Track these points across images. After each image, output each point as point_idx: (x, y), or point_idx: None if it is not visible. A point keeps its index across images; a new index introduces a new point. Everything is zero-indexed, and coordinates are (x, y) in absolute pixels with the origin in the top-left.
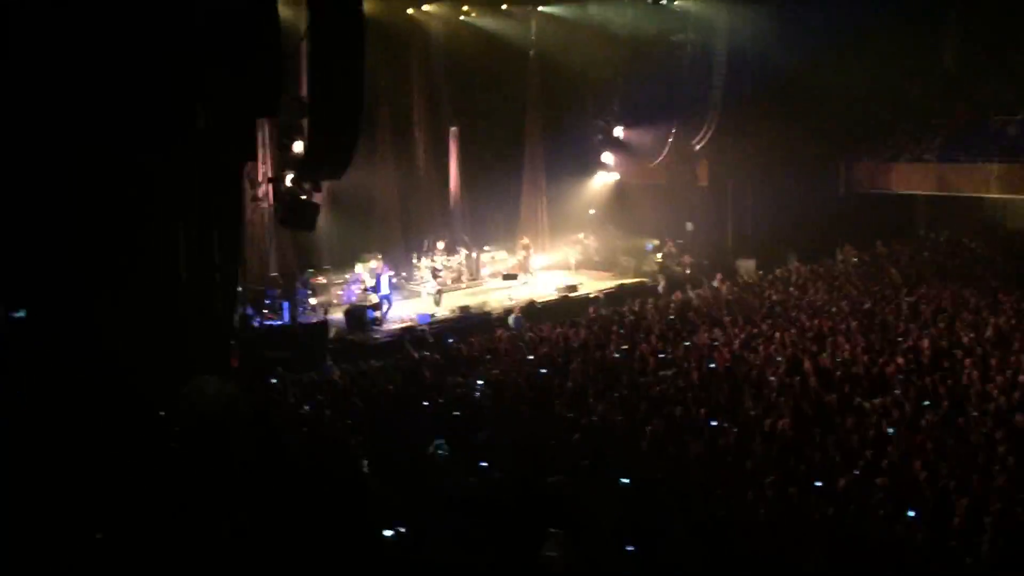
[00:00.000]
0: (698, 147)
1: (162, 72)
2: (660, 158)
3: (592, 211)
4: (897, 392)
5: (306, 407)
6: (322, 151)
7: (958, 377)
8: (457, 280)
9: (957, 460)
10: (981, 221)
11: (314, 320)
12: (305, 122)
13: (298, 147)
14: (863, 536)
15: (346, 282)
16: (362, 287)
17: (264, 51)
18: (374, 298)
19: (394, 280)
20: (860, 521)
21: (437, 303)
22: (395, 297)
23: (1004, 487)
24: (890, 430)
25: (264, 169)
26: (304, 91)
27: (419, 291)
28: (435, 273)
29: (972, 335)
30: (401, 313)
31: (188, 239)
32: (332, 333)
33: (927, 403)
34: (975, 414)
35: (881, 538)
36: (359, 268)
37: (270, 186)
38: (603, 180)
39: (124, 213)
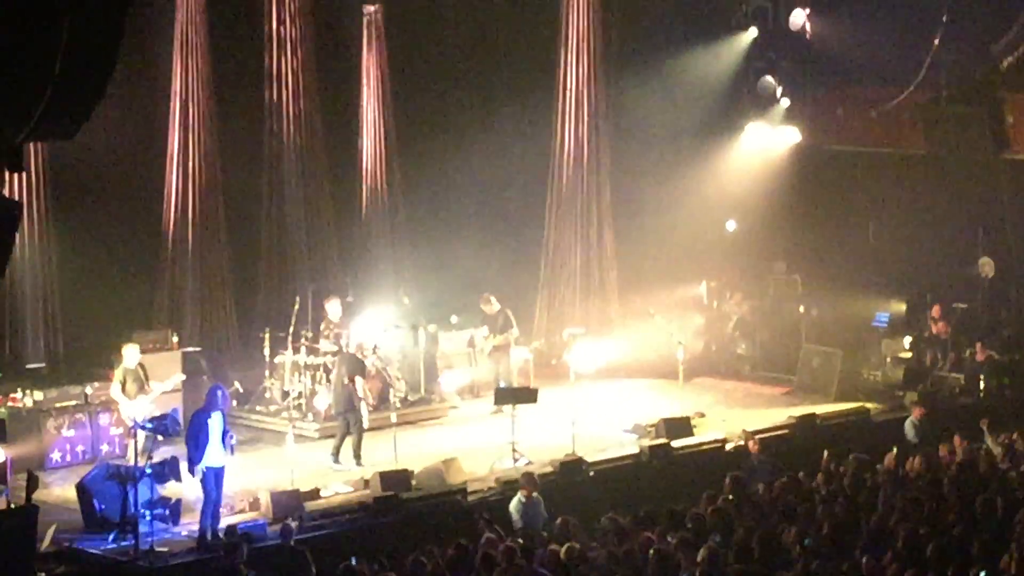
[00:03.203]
0: (1006, 63)
1: None
2: (908, 92)
3: (732, 224)
4: None
5: None
6: (34, 75)
7: None
8: (382, 399)
9: None
10: None
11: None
12: None
13: None
14: None
15: (86, 408)
16: (125, 422)
17: None
18: (164, 452)
19: (225, 409)
20: None
21: (336, 456)
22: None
23: None
24: None
25: None
26: None
27: (281, 429)
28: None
29: None
30: (230, 484)
31: None
32: (49, 536)
33: None
34: None
35: None
36: (121, 374)
37: None
38: (763, 145)
39: None
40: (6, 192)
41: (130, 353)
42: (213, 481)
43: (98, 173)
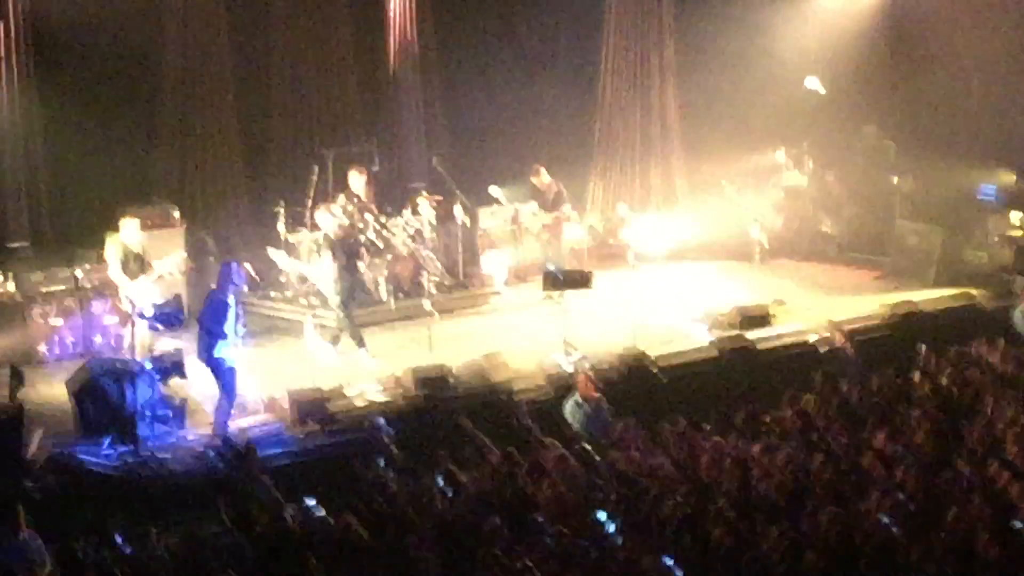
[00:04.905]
0: None
1: None
2: None
3: (813, 82)
4: None
5: None
6: None
7: None
8: (414, 284)
9: None
10: None
11: None
12: None
13: None
14: None
15: (76, 293)
16: (123, 309)
17: None
18: (168, 344)
19: (239, 289)
20: None
21: (362, 344)
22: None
23: None
24: None
25: None
26: None
27: (298, 318)
28: (375, 247)
29: None
30: (241, 381)
31: None
32: (35, 441)
33: None
34: None
35: None
36: (121, 251)
37: None
38: None
39: None
40: None
41: (129, 228)
42: (232, 373)
43: (88, 25)
